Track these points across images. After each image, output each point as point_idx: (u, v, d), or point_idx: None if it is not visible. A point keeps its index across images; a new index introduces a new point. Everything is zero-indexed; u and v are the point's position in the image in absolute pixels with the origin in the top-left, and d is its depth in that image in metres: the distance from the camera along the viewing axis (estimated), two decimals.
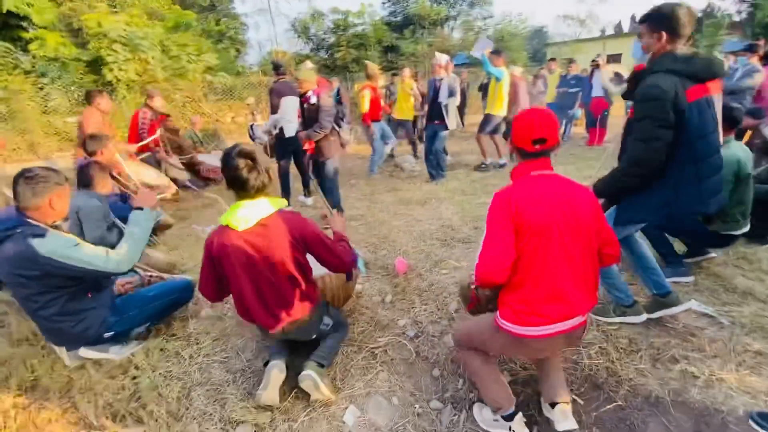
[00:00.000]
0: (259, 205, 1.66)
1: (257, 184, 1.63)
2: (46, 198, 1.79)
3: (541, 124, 1.44)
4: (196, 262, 3.28)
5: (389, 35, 18.03)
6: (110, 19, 10.64)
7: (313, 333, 1.90)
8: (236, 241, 1.63)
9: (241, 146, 1.67)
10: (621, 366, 1.94)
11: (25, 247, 1.71)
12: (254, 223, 1.63)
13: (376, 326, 2.36)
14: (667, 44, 1.81)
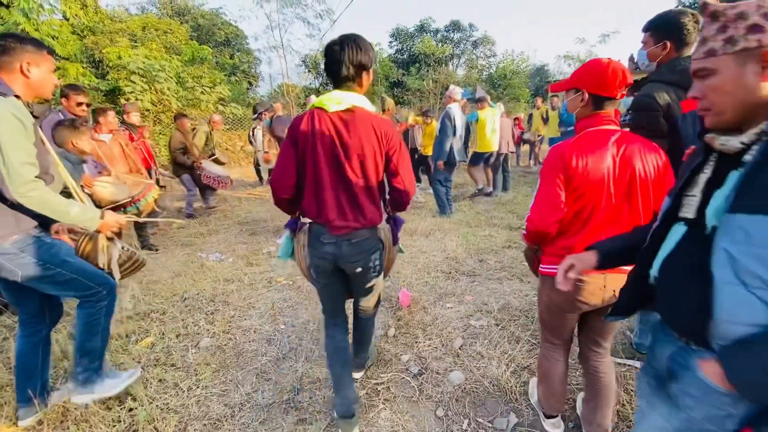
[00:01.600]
0: (352, 97, 1.58)
1: (351, 73, 1.57)
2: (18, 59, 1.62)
3: (625, 71, 1.38)
4: (199, 291, 3.28)
5: (396, 71, 18.71)
6: (130, 52, 11.18)
7: (360, 262, 1.69)
8: (325, 122, 1.56)
9: (349, 36, 1.59)
10: (631, 410, 1.88)
11: None
12: (345, 107, 1.55)
13: (379, 361, 2.32)
14: (672, 53, 1.77)
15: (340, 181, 1.60)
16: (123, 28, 14.27)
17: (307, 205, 1.67)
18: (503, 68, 18.97)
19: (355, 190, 1.60)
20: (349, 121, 1.56)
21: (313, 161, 1.59)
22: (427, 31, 19.92)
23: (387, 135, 1.60)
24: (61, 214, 1.66)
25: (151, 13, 18.04)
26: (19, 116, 1.52)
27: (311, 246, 1.73)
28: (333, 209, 1.61)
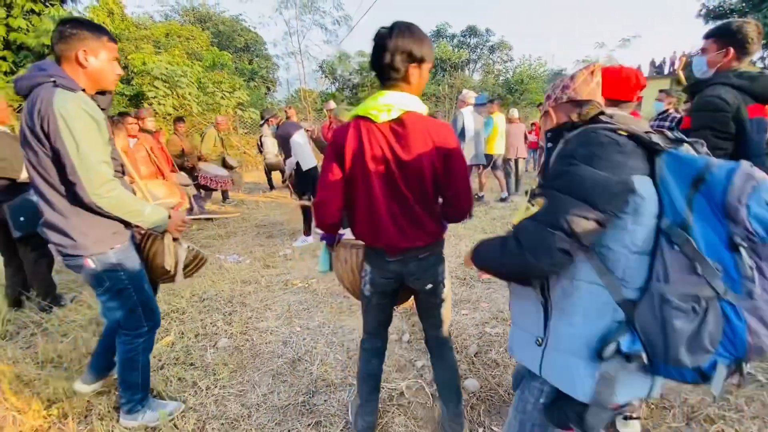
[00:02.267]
0: (402, 98, 1.35)
1: (399, 66, 1.31)
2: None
3: (638, 75, 1.46)
4: (217, 291, 3.34)
5: None
6: (154, 58, 11.53)
7: (429, 278, 1.55)
8: (375, 136, 1.36)
9: (401, 22, 1.37)
10: (653, 424, 1.83)
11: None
12: (397, 116, 1.34)
13: (393, 366, 2.32)
14: (733, 60, 1.80)
15: (397, 202, 1.41)
16: (147, 34, 14.76)
17: (360, 231, 1.52)
18: (520, 73, 18.84)
19: (414, 208, 1.42)
20: (402, 134, 1.35)
21: (364, 183, 1.40)
22: (444, 36, 19.97)
23: (444, 143, 1.38)
24: (134, 214, 1.55)
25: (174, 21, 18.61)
26: (90, 112, 1.42)
27: (373, 265, 1.57)
28: (392, 232, 1.43)
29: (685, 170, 0.84)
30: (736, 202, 0.76)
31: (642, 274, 0.89)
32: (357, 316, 2.94)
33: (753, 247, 0.77)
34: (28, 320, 2.90)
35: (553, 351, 1.00)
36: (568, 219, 0.87)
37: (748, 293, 0.77)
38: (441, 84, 17.68)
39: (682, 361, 0.82)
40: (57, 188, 1.47)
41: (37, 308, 3.00)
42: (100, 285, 1.62)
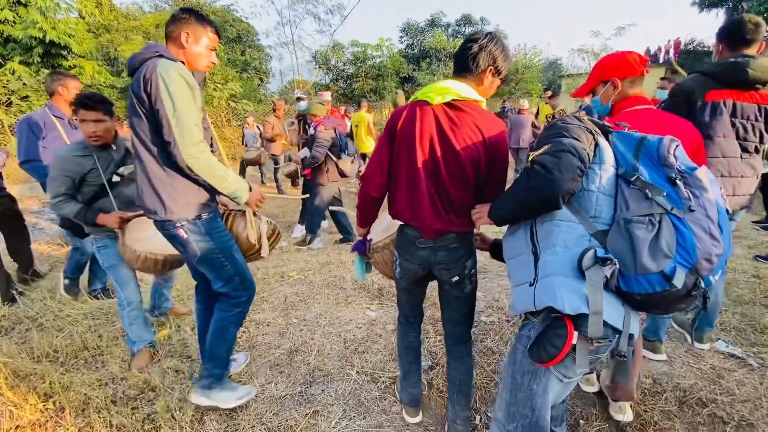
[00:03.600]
0: (462, 86, 1.42)
1: (479, 62, 1.41)
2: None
3: (640, 54, 1.62)
4: None
5: (406, 66, 18.61)
6: None
7: (456, 270, 1.56)
8: (428, 116, 1.43)
9: (497, 36, 1.47)
10: (645, 407, 1.87)
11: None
12: (450, 99, 1.41)
13: (390, 355, 2.34)
14: (725, 52, 1.95)
15: (435, 183, 1.46)
16: (137, 25, 14.48)
17: (400, 206, 1.56)
18: (515, 62, 18.71)
19: (450, 192, 1.46)
20: (453, 118, 1.41)
21: (407, 159, 1.47)
22: (438, 25, 19.75)
23: (494, 137, 1.42)
24: (221, 179, 1.61)
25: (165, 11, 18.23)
26: (187, 79, 1.52)
27: (403, 249, 1.62)
28: (428, 212, 1.48)
29: (629, 138, 1.17)
30: (666, 152, 1.07)
31: (609, 212, 1.12)
32: (353, 307, 2.95)
33: (684, 180, 1.04)
34: (23, 315, 2.88)
35: (542, 280, 1.14)
36: (574, 144, 1.10)
37: (689, 208, 1.01)
38: (436, 74, 17.54)
39: (648, 267, 1.00)
40: (153, 152, 1.57)
41: (17, 280, 3.31)
42: (194, 255, 1.69)
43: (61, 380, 2.12)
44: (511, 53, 10.86)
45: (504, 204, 1.28)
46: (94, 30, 13.46)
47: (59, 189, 2.12)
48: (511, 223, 1.30)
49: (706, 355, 2.25)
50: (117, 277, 2.28)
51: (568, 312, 1.05)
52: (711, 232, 0.99)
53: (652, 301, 1.04)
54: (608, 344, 1.08)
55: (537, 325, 1.20)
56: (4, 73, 10.76)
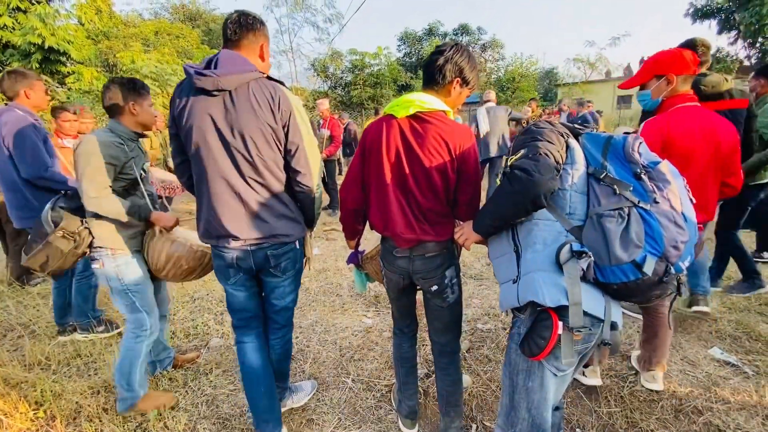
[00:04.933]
0: (428, 97, 1.45)
1: (446, 73, 1.44)
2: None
3: (695, 53, 1.76)
4: (209, 291, 3.31)
5: (404, 75, 18.76)
6: (143, 56, 11.38)
7: (435, 279, 1.57)
8: (394, 129, 1.47)
9: (463, 45, 1.50)
10: (641, 416, 1.86)
11: None
12: (413, 112, 1.44)
13: (386, 363, 2.33)
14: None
15: (404, 194, 1.49)
16: (136, 32, 14.58)
17: (373, 217, 1.60)
18: (512, 71, 18.91)
19: (420, 202, 1.48)
20: (419, 129, 1.44)
21: (376, 172, 1.51)
22: (436, 34, 19.97)
23: (461, 147, 1.44)
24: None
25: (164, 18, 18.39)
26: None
27: (385, 259, 1.66)
28: (400, 222, 1.50)
29: (597, 139, 1.26)
30: (631, 150, 1.16)
31: (583, 208, 1.19)
32: (350, 314, 2.94)
33: (649, 174, 1.12)
34: (15, 322, 2.86)
35: (524, 276, 1.20)
36: (548, 147, 1.18)
37: (654, 200, 1.09)
38: None
39: (620, 257, 1.07)
40: (279, 178, 1.52)
41: (7, 282, 3.42)
42: (293, 266, 1.67)
43: (53, 388, 2.10)
44: (507, 62, 10.97)
45: (488, 214, 1.31)
46: (93, 36, 13.53)
47: (105, 180, 1.73)
48: (497, 232, 1.34)
49: (702, 362, 2.25)
50: (144, 300, 1.90)
51: (549, 304, 1.11)
52: (676, 221, 1.07)
53: (628, 290, 1.12)
54: (591, 333, 1.15)
55: (525, 321, 1.24)
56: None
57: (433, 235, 1.51)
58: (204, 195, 1.50)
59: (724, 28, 17.60)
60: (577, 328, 1.11)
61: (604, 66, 21.08)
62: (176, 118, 1.45)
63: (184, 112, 1.41)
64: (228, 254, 1.55)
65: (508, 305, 1.27)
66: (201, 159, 1.44)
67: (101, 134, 1.76)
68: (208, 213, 1.50)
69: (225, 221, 1.47)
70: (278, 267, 1.60)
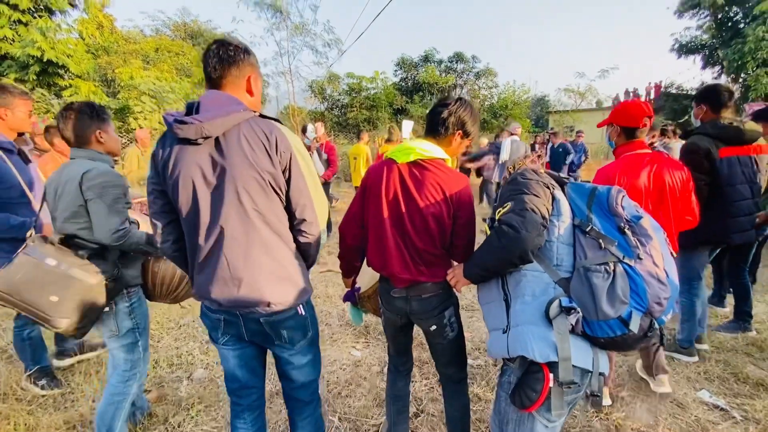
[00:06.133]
0: (429, 146, 1.51)
1: (448, 125, 1.51)
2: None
3: (648, 107, 1.94)
4: (195, 317, 3.25)
5: (400, 98, 19.11)
6: (142, 73, 11.47)
7: (432, 319, 1.58)
8: (394, 173, 1.52)
9: (467, 101, 1.57)
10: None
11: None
12: (414, 159, 1.49)
13: (375, 400, 2.28)
14: (710, 114, 2.45)
15: (402, 235, 1.52)
16: (137, 49, 14.72)
17: (371, 255, 1.63)
18: (504, 99, 19.38)
19: (417, 245, 1.51)
20: (419, 175, 1.49)
21: (375, 212, 1.55)
22: (432, 61, 20.47)
23: (457, 194, 1.47)
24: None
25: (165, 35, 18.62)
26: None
27: (383, 298, 1.68)
28: (396, 262, 1.53)
29: (581, 190, 1.30)
30: (614, 203, 1.19)
31: (569, 260, 1.22)
32: (339, 346, 2.89)
33: (632, 229, 1.15)
34: None
35: (513, 328, 1.22)
36: (535, 202, 1.21)
37: (638, 257, 1.12)
38: (428, 107, 18.04)
39: (608, 313, 1.10)
40: (278, 232, 1.28)
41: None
42: (303, 335, 1.38)
43: (27, 421, 2.02)
44: (500, 90, 11.57)
45: (477, 263, 1.37)
46: (93, 51, 13.63)
47: (125, 212, 1.63)
48: (486, 280, 1.38)
49: (691, 405, 2.24)
50: (146, 339, 1.81)
51: (539, 360, 1.13)
52: (658, 277, 1.10)
53: (615, 344, 1.15)
54: (580, 387, 1.16)
55: (515, 370, 1.25)
56: None
57: (429, 276, 1.53)
58: (195, 254, 1.30)
59: (708, 64, 18.37)
60: (566, 383, 1.12)
61: (593, 96, 21.73)
62: (160, 173, 1.25)
63: (168, 164, 1.22)
64: (214, 315, 1.34)
65: (498, 355, 1.28)
66: (191, 216, 1.25)
67: (101, 165, 1.64)
68: (197, 273, 1.31)
69: (212, 284, 1.26)
70: (280, 337, 1.34)
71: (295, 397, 1.48)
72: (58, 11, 12.36)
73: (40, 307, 1.52)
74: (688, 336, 2.67)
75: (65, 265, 1.54)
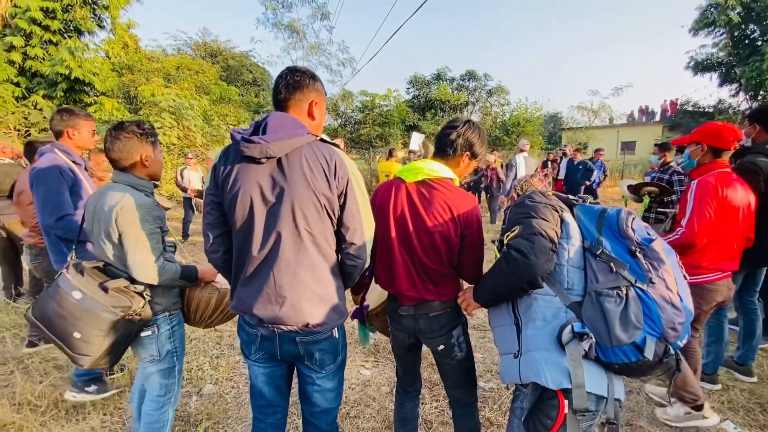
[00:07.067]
0: (437, 165, 1.53)
1: (457, 146, 1.54)
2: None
3: (740, 133, 2.07)
4: (205, 332, 3.26)
5: (412, 115, 19.31)
6: (163, 90, 11.88)
7: (440, 339, 1.57)
8: (401, 192, 1.54)
9: (475, 123, 1.60)
10: None
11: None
12: (422, 178, 1.52)
13: (384, 422, 2.24)
14: (762, 134, 2.50)
15: (409, 254, 1.53)
16: (159, 67, 15.27)
17: (380, 272, 1.63)
18: (517, 116, 19.41)
19: (424, 263, 1.51)
20: (426, 195, 1.51)
21: (382, 229, 1.55)
22: (444, 79, 20.70)
23: (465, 218, 1.47)
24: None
25: (186, 54, 19.34)
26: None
27: (391, 317, 1.68)
28: (404, 280, 1.54)
29: (591, 212, 1.28)
30: (624, 225, 1.17)
31: (580, 283, 1.20)
32: (347, 365, 2.85)
33: (644, 252, 1.14)
34: (9, 356, 2.82)
35: (525, 354, 1.20)
36: (543, 226, 1.20)
37: (650, 280, 1.09)
38: (440, 124, 18.17)
39: (621, 339, 1.07)
40: (326, 255, 1.31)
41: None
42: (333, 359, 1.39)
43: None
44: (512, 107, 11.74)
45: (487, 287, 1.36)
46: (118, 69, 14.21)
47: (159, 247, 1.59)
48: (496, 304, 1.37)
49: None
50: (181, 364, 1.79)
51: (552, 387, 1.11)
52: (672, 302, 1.08)
53: (630, 370, 1.12)
54: (595, 414, 1.13)
55: (528, 396, 1.23)
56: (27, 106, 11.24)
57: (436, 295, 1.53)
58: (241, 268, 1.32)
59: (726, 81, 18.18)
60: (580, 411, 1.09)
61: (607, 114, 21.61)
62: (220, 186, 1.30)
63: (229, 179, 1.26)
64: (251, 331, 1.36)
65: (510, 380, 1.26)
66: (244, 232, 1.28)
67: (136, 195, 1.56)
68: (241, 288, 1.33)
69: (255, 301, 1.28)
70: (312, 359, 1.35)
71: (314, 424, 1.45)
72: (87, 32, 12.97)
73: (66, 342, 1.49)
74: (714, 361, 2.57)
75: (88, 299, 1.49)
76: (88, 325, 1.48)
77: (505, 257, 1.21)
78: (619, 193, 10.33)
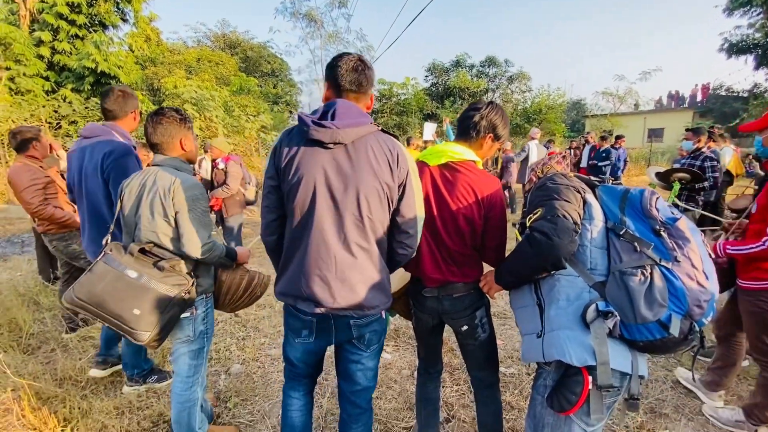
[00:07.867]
0: (460, 148, 1.53)
1: (480, 128, 1.53)
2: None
3: None
4: (231, 315, 3.37)
5: (430, 104, 19.11)
6: (185, 82, 12.09)
7: (464, 319, 1.59)
8: (425, 174, 1.55)
9: (498, 106, 1.60)
10: None
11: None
12: (445, 161, 1.52)
13: (405, 403, 2.28)
14: None
15: (433, 236, 1.54)
16: (180, 60, 15.53)
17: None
18: (538, 103, 18.95)
19: (448, 245, 1.53)
20: (450, 177, 1.51)
21: None
22: (463, 66, 20.36)
23: (489, 196, 1.48)
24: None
25: (206, 46, 19.58)
26: None
27: (414, 299, 1.69)
28: (428, 262, 1.56)
29: (613, 192, 1.29)
30: (648, 205, 1.18)
31: (604, 263, 1.20)
32: None
33: (668, 231, 1.14)
34: (49, 336, 2.98)
35: (548, 333, 1.21)
36: (566, 208, 1.20)
37: (675, 259, 1.10)
38: (459, 112, 17.92)
39: (646, 317, 1.08)
40: (382, 242, 1.35)
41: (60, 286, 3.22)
42: (378, 339, 1.45)
43: (81, 405, 2.17)
44: (534, 94, 11.66)
45: (509, 270, 1.38)
46: (141, 62, 14.54)
47: (211, 225, 1.65)
48: (518, 286, 1.39)
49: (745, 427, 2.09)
50: (209, 345, 1.84)
51: (576, 364, 1.13)
52: (698, 279, 1.08)
53: (654, 347, 1.12)
54: (619, 390, 1.16)
55: (552, 373, 1.25)
56: (57, 99, 11.66)
57: (460, 276, 1.56)
58: (297, 253, 1.32)
59: (762, 64, 17.22)
60: (604, 387, 1.11)
61: (633, 99, 20.84)
62: (281, 170, 1.29)
63: (293, 163, 1.26)
64: (306, 317, 1.37)
65: (533, 359, 1.28)
66: (304, 216, 1.28)
67: (183, 176, 1.60)
68: (295, 272, 1.32)
69: (313, 284, 1.29)
70: (362, 339, 1.39)
71: (354, 402, 1.48)
72: (111, 26, 13.29)
73: (125, 319, 1.50)
74: None
75: (146, 277, 1.51)
76: (147, 302, 1.50)
77: (528, 239, 1.21)
78: (645, 182, 10.00)
